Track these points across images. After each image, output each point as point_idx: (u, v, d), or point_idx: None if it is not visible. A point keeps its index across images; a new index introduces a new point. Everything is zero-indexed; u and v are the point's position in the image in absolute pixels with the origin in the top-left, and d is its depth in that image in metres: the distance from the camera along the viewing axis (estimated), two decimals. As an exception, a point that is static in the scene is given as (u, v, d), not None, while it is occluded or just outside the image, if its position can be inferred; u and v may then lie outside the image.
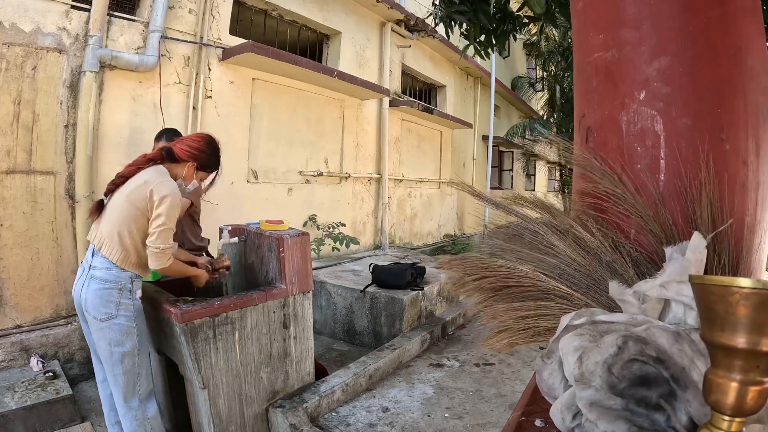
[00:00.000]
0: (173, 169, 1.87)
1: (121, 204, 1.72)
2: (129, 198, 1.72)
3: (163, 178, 1.77)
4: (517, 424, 0.73)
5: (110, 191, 1.80)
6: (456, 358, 3.32)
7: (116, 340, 1.71)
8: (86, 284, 1.71)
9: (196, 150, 1.90)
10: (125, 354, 1.73)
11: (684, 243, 0.78)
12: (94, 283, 1.70)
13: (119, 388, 1.75)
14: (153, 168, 1.81)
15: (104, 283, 1.70)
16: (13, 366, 2.65)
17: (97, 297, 1.69)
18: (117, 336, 1.71)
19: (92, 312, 1.69)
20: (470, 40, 2.88)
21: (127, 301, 1.73)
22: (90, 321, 1.72)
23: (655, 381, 0.58)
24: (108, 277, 1.70)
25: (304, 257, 2.27)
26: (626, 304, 0.75)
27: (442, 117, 7.26)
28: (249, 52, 3.82)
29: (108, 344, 1.71)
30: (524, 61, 12.55)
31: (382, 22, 6.16)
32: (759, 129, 0.93)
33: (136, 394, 1.77)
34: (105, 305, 1.69)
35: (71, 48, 3.02)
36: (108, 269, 1.71)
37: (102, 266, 1.71)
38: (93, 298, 1.69)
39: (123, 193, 1.75)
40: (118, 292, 1.71)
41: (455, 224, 8.61)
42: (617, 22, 0.97)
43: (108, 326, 1.70)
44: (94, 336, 1.74)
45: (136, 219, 1.72)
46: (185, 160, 1.88)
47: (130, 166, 1.81)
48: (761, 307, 0.43)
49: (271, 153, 4.68)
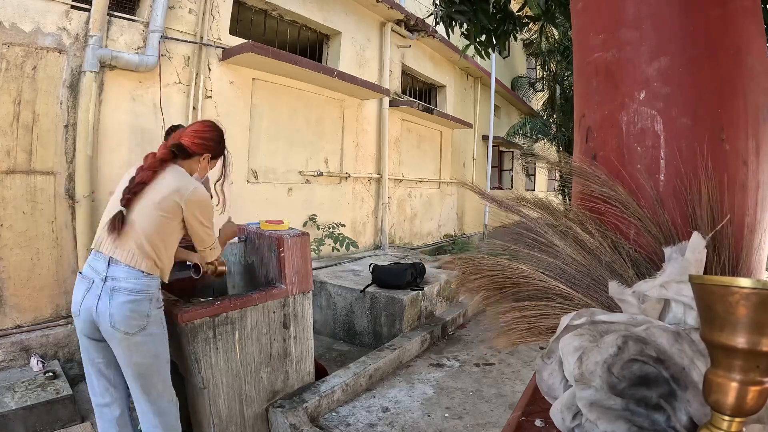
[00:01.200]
0: (188, 165, 1.77)
1: (152, 213, 1.61)
2: (161, 207, 1.61)
3: (190, 182, 1.69)
4: (517, 424, 0.73)
5: (129, 200, 1.63)
6: (456, 358, 3.32)
7: (153, 352, 1.61)
8: (107, 297, 1.54)
9: (209, 140, 1.80)
10: (161, 363, 1.65)
11: (684, 243, 0.78)
12: (121, 295, 1.54)
13: (151, 399, 1.65)
14: (172, 170, 1.69)
15: (135, 294, 1.56)
16: (13, 366, 2.65)
17: (128, 310, 1.54)
18: (152, 348, 1.61)
19: (122, 327, 1.53)
20: (470, 40, 2.88)
21: (156, 310, 1.62)
22: (118, 338, 1.55)
23: (655, 381, 0.58)
24: (138, 287, 1.57)
25: (304, 257, 2.27)
26: (626, 304, 0.75)
27: (442, 117, 7.26)
28: (249, 52, 3.83)
29: (143, 358, 1.59)
30: (524, 61, 12.55)
31: (382, 22, 6.16)
32: (759, 129, 0.92)
33: (169, 397, 1.72)
34: (137, 318, 1.55)
35: (71, 48, 3.03)
36: (137, 278, 1.57)
37: (129, 276, 1.56)
38: (122, 311, 1.53)
39: (150, 201, 1.62)
40: (149, 303, 1.59)
41: (455, 224, 8.61)
42: (617, 22, 0.97)
43: (142, 340, 1.57)
44: (122, 353, 1.58)
45: (171, 228, 1.64)
46: (199, 153, 1.78)
47: (145, 170, 1.66)
48: (761, 307, 0.43)
49: (271, 153, 4.68)
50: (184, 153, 1.76)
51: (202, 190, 1.70)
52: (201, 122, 1.89)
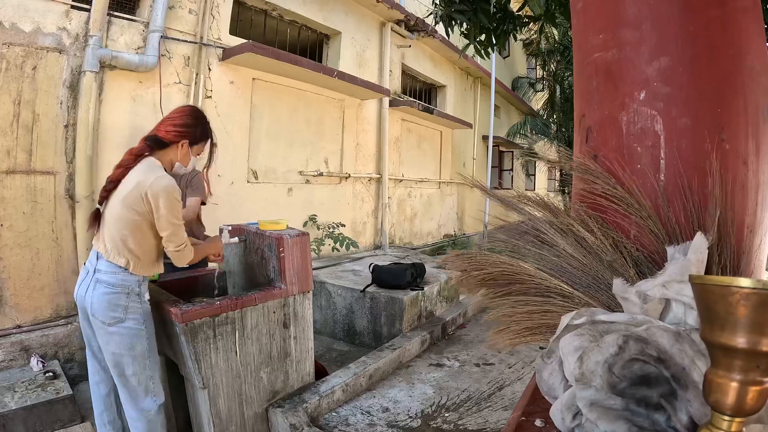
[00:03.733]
0: (165, 156, 1.75)
1: (118, 211, 1.63)
2: (125, 203, 1.62)
3: (153, 173, 1.64)
4: (517, 424, 0.73)
5: (104, 198, 1.70)
6: (456, 358, 3.32)
7: (126, 344, 1.65)
8: (92, 288, 1.64)
9: (182, 126, 1.76)
10: (135, 357, 1.67)
11: (687, 243, 0.78)
12: (101, 287, 1.63)
13: (129, 392, 1.70)
14: (143, 164, 1.68)
15: (111, 287, 1.63)
16: (13, 366, 2.65)
17: (105, 301, 1.62)
18: (127, 340, 1.65)
19: (100, 316, 1.63)
20: (470, 40, 2.88)
21: (135, 305, 1.67)
22: (97, 326, 1.65)
23: (656, 380, 0.58)
24: (115, 281, 1.64)
25: (304, 257, 2.27)
26: (628, 303, 0.75)
27: (442, 117, 7.26)
28: (249, 52, 3.82)
29: (117, 348, 1.65)
30: (524, 61, 12.54)
31: (382, 22, 6.16)
32: (759, 129, 0.92)
33: (149, 395, 1.73)
34: (113, 309, 1.63)
35: (71, 48, 3.02)
36: (114, 273, 1.64)
37: (108, 270, 1.64)
38: (100, 302, 1.62)
39: (117, 198, 1.65)
40: (126, 296, 1.65)
41: (455, 224, 8.61)
42: (617, 22, 0.97)
43: (117, 330, 1.64)
44: (101, 340, 1.67)
45: (137, 224, 1.64)
46: (175, 141, 1.75)
47: (118, 168, 1.69)
48: (761, 307, 0.43)
49: (271, 153, 4.68)
50: (160, 144, 1.73)
51: (166, 180, 1.64)
52: (176, 109, 1.84)
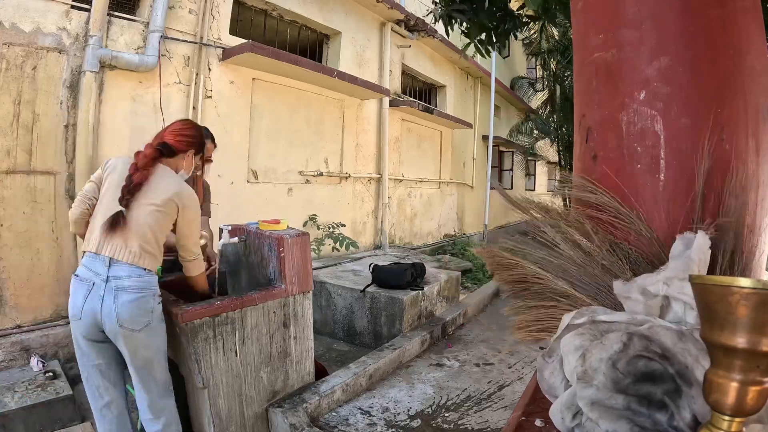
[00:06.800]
0: (174, 163, 1.84)
1: (153, 213, 1.68)
2: (163, 208, 1.69)
3: (185, 185, 1.78)
4: (517, 424, 0.73)
5: (129, 201, 1.67)
6: (456, 358, 3.32)
7: (156, 345, 1.69)
8: (110, 297, 1.58)
9: (192, 137, 1.89)
10: (162, 353, 1.73)
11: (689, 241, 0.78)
12: (125, 294, 1.59)
13: (157, 391, 1.73)
14: (165, 171, 1.77)
15: (140, 292, 1.62)
16: (13, 366, 2.65)
17: (134, 307, 1.60)
18: (158, 340, 1.69)
19: (129, 325, 1.59)
20: (470, 39, 2.88)
21: (158, 306, 1.69)
22: (124, 335, 1.60)
23: (661, 377, 0.58)
24: (142, 284, 1.63)
25: (304, 257, 2.27)
26: (631, 302, 0.75)
27: (442, 117, 7.26)
28: (249, 52, 3.82)
29: (148, 351, 1.67)
30: (524, 60, 12.53)
31: (382, 22, 6.16)
32: (759, 129, 0.93)
33: (168, 387, 1.80)
34: (143, 314, 1.62)
35: (71, 48, 3.02)
36: (140, 276, 1.63)
37: (133, 274, 1.62)
38: (129, 309, 1.59)
39: (150, 201, 1.68)
40: (152, 298, 1.66)
41: (455, 224, 8.61)
42: (617, 22, 0.97)
43: (147, 334, 1.64)
44: (128, 348, 1.63)
45: (166, 225, 1.73)
46: (184, 150, 1.86)
47: (141, 171, 1.70)
48: (761, 307, 0.43)
49: (271, 153, 4.68)
50: (170, 151, 1.82)
51: (192, 192, 1.82)
52: (181, 121, 1.97)
